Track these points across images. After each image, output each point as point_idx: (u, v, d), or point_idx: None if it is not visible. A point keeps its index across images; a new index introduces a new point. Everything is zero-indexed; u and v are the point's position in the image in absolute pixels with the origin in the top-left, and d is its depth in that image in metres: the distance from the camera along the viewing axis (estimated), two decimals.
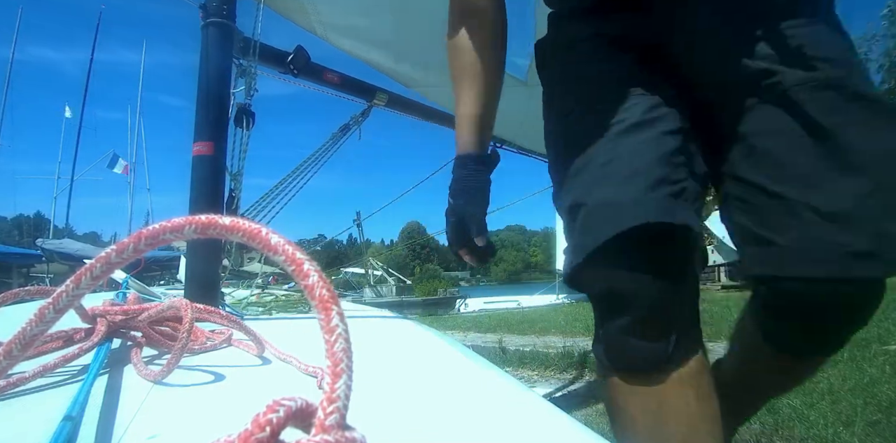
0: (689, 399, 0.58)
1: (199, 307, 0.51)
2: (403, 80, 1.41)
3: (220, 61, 0.90)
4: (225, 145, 0.90)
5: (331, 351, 0.16)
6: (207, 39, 0.88)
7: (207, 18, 0.88)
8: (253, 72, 0.96)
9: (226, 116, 0.91)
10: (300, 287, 0.18)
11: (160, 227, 0.18)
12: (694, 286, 0.62)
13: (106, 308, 0.50)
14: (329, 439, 0.14)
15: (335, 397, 0.15)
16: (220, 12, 0.88)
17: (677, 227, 0.55)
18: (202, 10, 0.89)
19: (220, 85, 0.89)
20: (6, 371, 0.22)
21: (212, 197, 0.86)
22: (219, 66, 0.89)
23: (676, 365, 0.58)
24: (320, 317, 0.17)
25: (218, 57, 0.89)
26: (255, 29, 1.00)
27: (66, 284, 0.19)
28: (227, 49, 0.91)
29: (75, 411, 0.33)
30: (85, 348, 0.45)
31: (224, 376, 0.47)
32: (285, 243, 0.18)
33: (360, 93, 1.36)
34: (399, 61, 1.32)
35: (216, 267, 0.85)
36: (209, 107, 0.87)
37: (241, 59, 0.97)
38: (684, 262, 0.59)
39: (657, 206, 0.55)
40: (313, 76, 1.24)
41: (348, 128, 1.42)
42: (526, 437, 0.38)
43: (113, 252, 0.18)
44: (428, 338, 0.72)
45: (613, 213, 0.56)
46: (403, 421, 0.41)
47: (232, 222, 0.18)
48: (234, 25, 0.92)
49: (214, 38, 0.88)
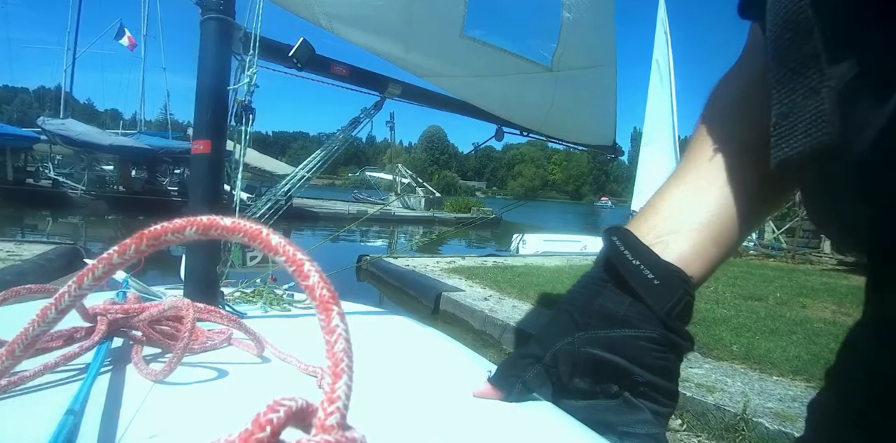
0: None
1: (199, 307, 0.52)
2: (415, 69, 1.34)
3: (220, 58, 0.89)
4: (224, 144, 0.89)
5: (331, 351, 0.16)
6: (206, 35, 0.88)
7: (206, 14, 0.87)
8: (254, 68, 0.95)
9: (225, 114, 0.90)
10: (301, 287, 0.18)
11: (161, 228, 0.18)
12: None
13: (106, 307, 0.50)
14: (329, 439, 0.14)
15: (335, 397, 0.15)
16: (219, 7, 0.87)
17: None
18: (200, 5, 0.88)
19: (220, 82, 0.89)
20: (9, 370, 0.22)
21: (212, 196, 0.86)
22: (218, 62, 0.88)
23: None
24: (321, 317, 0.17)
25: (217, 53, 0.88)
26: (256, 22, 0.98)
27: (68, 284, 0.19)
28: (226, 45, 0.90)
29: (76, 410, 0.33)
30: (86, 346, 0.45)
31: (224, 376, 0.47)
32: (286, 244, 0.18)
33: (371, 84, 1.30)
34: (409, 51, 1.27)
35: (216, 266, 0.85)
36: (208, 105, 0.86)
37: (243, 55, 0.96)
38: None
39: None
40: (320, 69, 1.19)
41: (359, 121, 1.35)
42: (525, 436, 0.39)
43: (115, 253, 0.18)
44: (426, 336, 0.72)
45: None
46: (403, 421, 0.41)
47: (233, 223, 0.18)
48: (233, 20, 0.91)
49: (213, 33, 0.88)
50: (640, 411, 0.37)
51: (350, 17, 1.20)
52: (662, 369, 0.37)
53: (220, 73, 0.89)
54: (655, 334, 0.36)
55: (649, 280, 0.37)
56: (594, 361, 0.37)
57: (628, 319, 0.37)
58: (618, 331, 0.37)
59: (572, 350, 0.38)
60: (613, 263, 0.38)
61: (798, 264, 8.55)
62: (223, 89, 0.89)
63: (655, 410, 0.37)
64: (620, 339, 0.37)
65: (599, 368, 0.38)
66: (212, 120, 0.86)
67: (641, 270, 0.37)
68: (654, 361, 0.36)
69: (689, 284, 0.37)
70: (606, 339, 0.37)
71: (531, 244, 8.86)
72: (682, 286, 0.37)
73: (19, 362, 0.22)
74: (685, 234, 0.39)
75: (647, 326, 0.36)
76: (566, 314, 0.40)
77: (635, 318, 0.37)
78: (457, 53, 1.32)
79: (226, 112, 0.90)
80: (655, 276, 0.37)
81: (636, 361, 0.36)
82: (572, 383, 0.39)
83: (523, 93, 1.50)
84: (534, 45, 1.41)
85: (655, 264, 0.37)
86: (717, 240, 0.39)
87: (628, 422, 0.37)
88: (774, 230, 10.48)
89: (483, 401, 0.42)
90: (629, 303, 0.37)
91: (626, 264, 0.38)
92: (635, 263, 0.37)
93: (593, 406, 0.38)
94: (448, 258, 6.71)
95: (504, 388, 0.42)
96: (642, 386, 0.37)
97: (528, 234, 9.74)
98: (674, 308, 0.36)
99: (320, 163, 1.34)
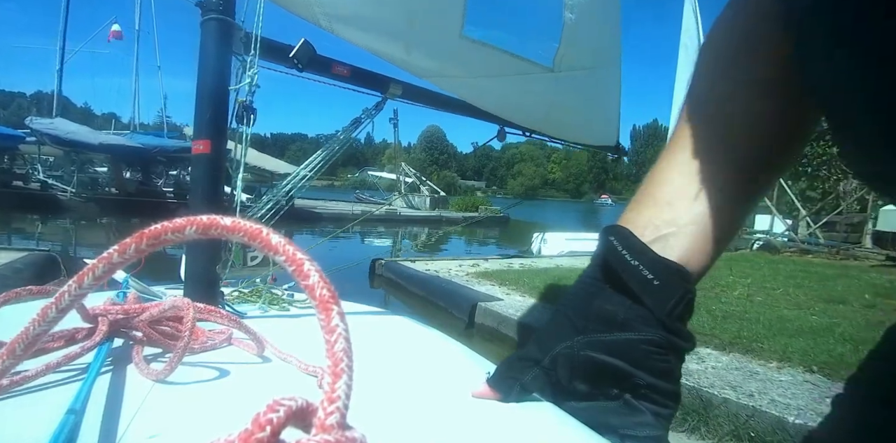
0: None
1: (199, 306, 0.52)
2: (415, 70, 1.34)
3: (220, 58, 0.89)
4: (225, 144, 0.89)
5: (331, 351, 0.16)
6: (206, 36, 0.88)
7: (206, 14, 0.88)
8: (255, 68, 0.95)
9: (225, 115, 0.90)
10: (301, 287, 0.18)
11: (162, 227, 0.18)
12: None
13: (107, 308, 0.50)
14: (329, 439, 0.14)
15: (335, 396, 0.15)
16: (219, 8, 0.87)
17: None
18: (200, 6, 0.88)
19: (220, 83, 0.89)
20: (10, 370, 0.22)
21: (212, 197, 0.86)
22: (218, 63, 0.89)
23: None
24: (320, 317, 0.17)
25: (217, 54, 0.89)
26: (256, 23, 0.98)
27: (68, 284, 0.19)
28: (226, 46, 0.90)
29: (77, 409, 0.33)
30: (87, 347, 0.45)
31: (224, 376, 0.47)
32: (286, 243, 0.18)
33: (372, 85, 1.29)
34: (410, 51, 1.27)
35: (216, 266, 0.85)
36: (209, 105, 0.86)
37: (243, 55, 0.96)
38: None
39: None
40: (321, 70, 1.19)
41: (360, 122, 1.34)
42: (525, 436, 0.39)
43: (115, 253, 0.18)
44: (426, 336, 0.72)
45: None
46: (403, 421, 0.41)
47: (233, 223, 0.18)
48: (233, 21, 0.91)
49: (214, 34, 0.88)
50: (642, 413, 0.36)
51: (350, 17, 1.20)
52: (663, 371, 0.36)
53: (221, 73, 0.89)
54: (656, 336, 0.36)
55: (649, 281, 0.36)
56: (594, 364, 0.37)
57: (628, 322, 0.36)
58: (617, 334, 0.36)
59: (571, 354, 0.38)
60: (611, 263, 0.38)
61: (843, 261, 7.92)
62: (224, 90, 0.90)
63: (657, 411, 0.36)
64: (620, 342, 0.36)
65: (599, 371, 0.37)
66: (212, 120, 0.86)
67: (640, 271, 0.36)
68: (655, 363, 0.36)
69: (689, 282, 0.37)
70: (606, 342, 0.37)
71: (553, 244, 8.44)
72: (683, 285, 0.36)
73: (20, 362, 0.22)
74: (684, 228, 0.37)
75: (648, 329, 0.36)
76: (564, 317, 0.39)
77: (635, 320, 0.36)
78: (457, 54, 1.32)
79: (226, 112, 0.90)
80: (655, 276, 0.36)
81: (637, 364, 0.36)
82: (572, 385, 0.38)
83: (524, 93, 1.50)
84: (535, 46, 1.41)
85: (655, 264, 0.36)
86: (718, 233, 0.38)
87: (629, 424, 0.36)
88: (810, 224, 10.01)
89: (483, 401, 0.42)
90: (628, 305, 0.36)
91: (625, 265, 0.37)
92: (634, 264, 0.36)
93: (593, 408, 0.38)
94: (470, 261, 6.16)
95: (502, 389, 0.41)
96: (643, 388, 0.36)
97: (547, 233, 9.25)
98: (674, 308, 0.36)
99: (321, 163, 1.34)
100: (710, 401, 2.11)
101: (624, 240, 0.38)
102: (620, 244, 0.38)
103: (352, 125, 1.36)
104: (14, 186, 14.24)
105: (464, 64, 1.36)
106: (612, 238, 0.38)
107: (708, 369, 2.42)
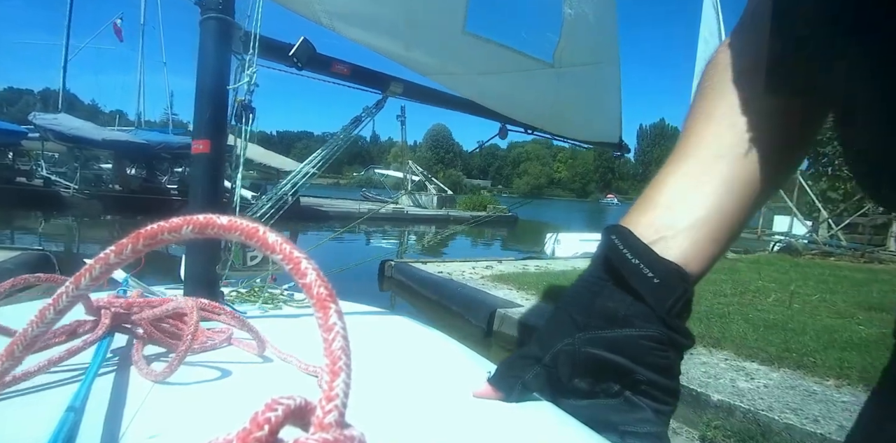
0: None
1: (204, 303, 0.52)
2: (416, 67, 1.33)
3: (220, 57, 0.89)
4: (225, 143, 0.89)
5: (329, 349, 0.16)
6: (205, 35, 0.88)
7: (205, 13, 0.87)
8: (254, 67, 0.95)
9: (225, 114, 0.90)
10: (298, 286, 0.18)
11: (158, 227, 0.18)
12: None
13: (110, 300, 0.50)
14: (327, 438, 0.14)
15: (333, 395, 0.15)
16: (218, 7, 0.87)
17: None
18: (200, 5, 0.88)
19: (220, 82, 0.89)
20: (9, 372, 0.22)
21: (211, 196, 0.86)
22: (217, 62, 0.88)
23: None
24: (318, 315, 0.17)
25: (217, 53, 0.88)
26: (255, 22, 0.98)
27: (65, 284, 0.19)
28: (226, 44, 0.90)
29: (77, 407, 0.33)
30: (90, 340, 0.45)
31: (225, 376, 0.47)
32: (283, 242, 0.18)
33: (373, 83, 1.28)
34: (410, 48, 1.27)
35: (215, 266, 0.85)
36: (208, 104, 0.86)
37: (243, 54, 0.96)
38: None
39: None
40: (320, 68, 1.18)
41: (360, 120, 1.33)
42: (525, 436, 0.39)
43: (112, 253, 0.18)
44: (426, 336, 0.72)
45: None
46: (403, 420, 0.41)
47: (229, 222, 0.18)
48: (232, 20, 0.91)
49: (213, 33, 0.88)
50: (642, 409, 0.37)
51: (350, 14, 1.19)
52: (663, 367, 0.37)
53: (220, 72, 0.89)
54: (657, 332, 0.36)
55: (649, 279, 0.37)
56: (595, 360, 0.37)
57: (629, 319, 0.37)
58: (619, 331, 0.37)
59: (572, 350, 0.38)
60: (613, 262, 0.38)
61: (867, 264, 7.62)
62: (223, 89, 0.89)
63: (657, 408, 0.37)
64: (621, 338, 0.37)
65: (600, 367, 0.37)
66: (211, 120, 0.86)
67: (641, 270, 0.37)
68: (656, 359, 0.36)
69: (688, 281, 0.38)
70: (607, 338, 0.37)
71: (567, 245, 8.26)
72: (682, 284, 0.37)
73: (19, 363, 0.22)
74: (684, 231, 0.38)
75: (648, 325, 0.36)
76: (565, 314, 0.40)
77: (636, 317, 0.37)
78: (457, 50, 1.31)
79: (226, 112, 0.90)
80: (655, 274, 0.37)
81: (637, 360, 0.36)
82: (572, 383, 0.38)
83: (525, 89, 1.50)
84: (535, 41, 1.41)
85: (655, 263, 0.37)
86: (717, 236, 0.39)
87: (630, 421, 0.37)
88: (832, 226, 9.64)
89: (483, 401, 0.42)
90: (629, 302, 0.37)
91: (626, 263, 0.37)
92: (635, 262, 0.37)
93: (594, 406, 0.38)
94: (484, 262, 5.96)
95: (503, 388, 0.42)
96: (643, 385, 0.37)
97: (561, 233, 9.10)
98: (674, 306, 0.36)
99: (322, 161, 1.34)
100: (769, 426, 1.90)
101: (625, 239, 0.39)
102: (622, 243, 0.38)
103: (352, 123, 1.36)
104: (17, 182, 14.20)
105: (465, 60, 1.36)
106: (613, 237, 0.39)
107: (760, 388, 2.21)
